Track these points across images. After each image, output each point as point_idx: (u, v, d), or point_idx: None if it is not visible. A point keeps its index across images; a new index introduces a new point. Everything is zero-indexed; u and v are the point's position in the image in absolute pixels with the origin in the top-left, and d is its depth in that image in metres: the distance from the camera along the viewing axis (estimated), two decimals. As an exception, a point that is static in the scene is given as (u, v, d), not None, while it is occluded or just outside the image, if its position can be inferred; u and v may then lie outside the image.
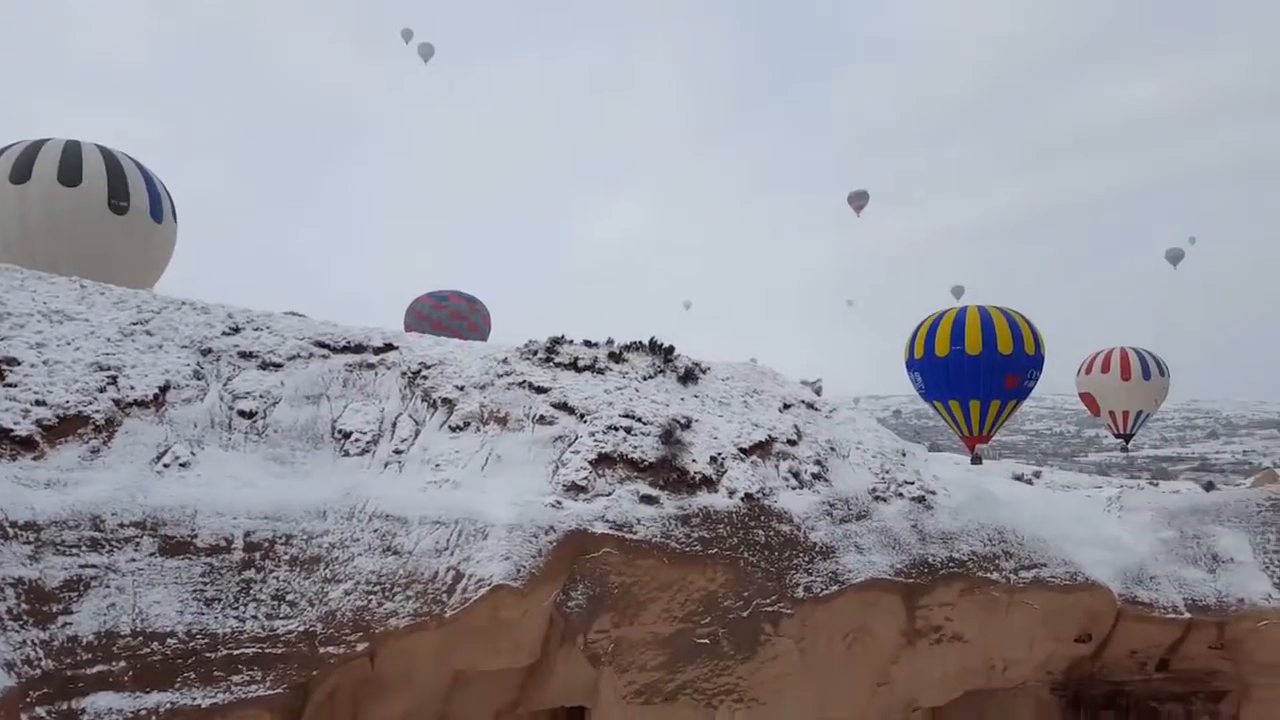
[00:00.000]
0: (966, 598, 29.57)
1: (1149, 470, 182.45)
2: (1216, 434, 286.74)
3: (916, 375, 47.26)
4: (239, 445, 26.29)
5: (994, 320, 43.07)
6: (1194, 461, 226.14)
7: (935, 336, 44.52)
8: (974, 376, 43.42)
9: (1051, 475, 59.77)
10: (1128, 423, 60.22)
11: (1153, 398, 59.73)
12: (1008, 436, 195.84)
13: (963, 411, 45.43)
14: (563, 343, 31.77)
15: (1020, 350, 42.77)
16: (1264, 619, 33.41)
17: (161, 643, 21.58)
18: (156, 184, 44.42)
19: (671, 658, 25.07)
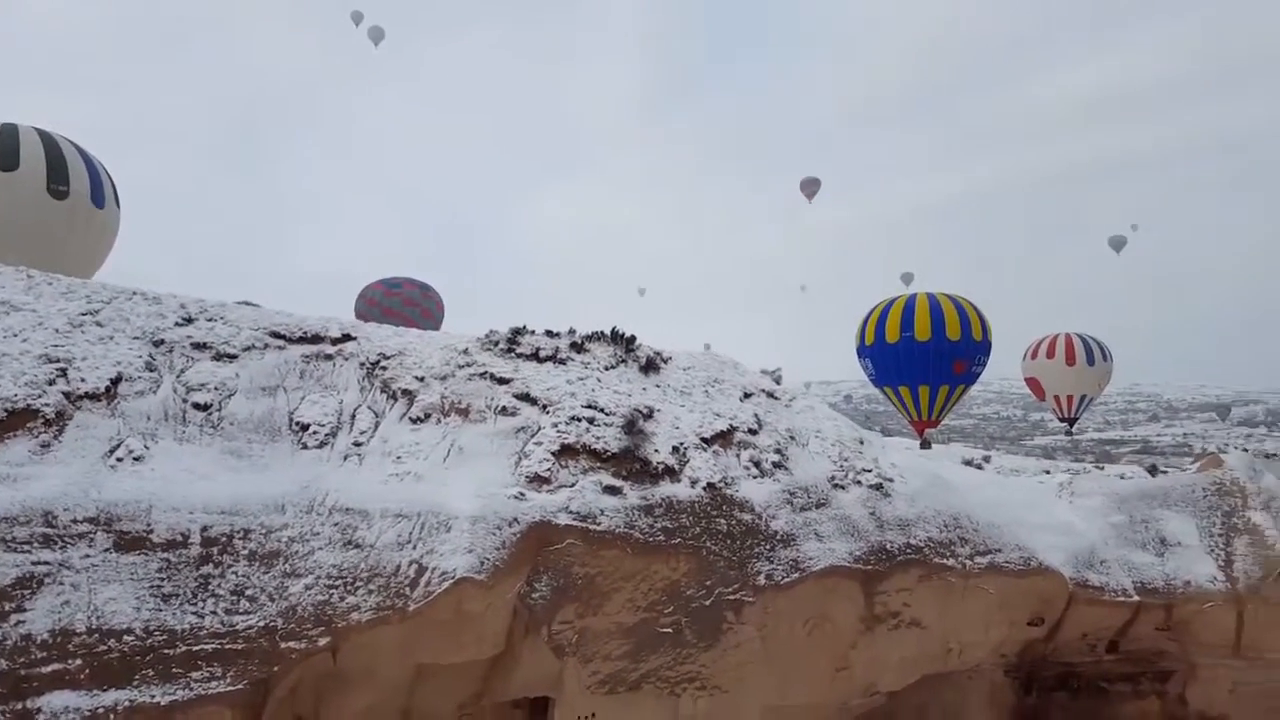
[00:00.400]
0: (924, 584, 30.07)
1: (1093, 453, 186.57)
2: (1158, 417, 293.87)
3: (867, 362, 47.95)
4: (194, 438, 25.81)
5: (943, 307, 43.80)
6: (1136, 444, 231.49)
7: (886, 323, 45.21)
8: (923, 362, 44.18)
9: (1000, 459, 60.82)
10: (1072, 407, 61.58)
11: (1096, 382, 61.14)
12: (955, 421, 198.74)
13: (912, 397, 46.24)
14: (524, 333, 31.63)
15: (968, 337, 43.59)
16: (1209, 601, 34.45)
17: (118, 640, 21.20)
18: (97, 168, 42.91)
19: (635, 647, 25.21)
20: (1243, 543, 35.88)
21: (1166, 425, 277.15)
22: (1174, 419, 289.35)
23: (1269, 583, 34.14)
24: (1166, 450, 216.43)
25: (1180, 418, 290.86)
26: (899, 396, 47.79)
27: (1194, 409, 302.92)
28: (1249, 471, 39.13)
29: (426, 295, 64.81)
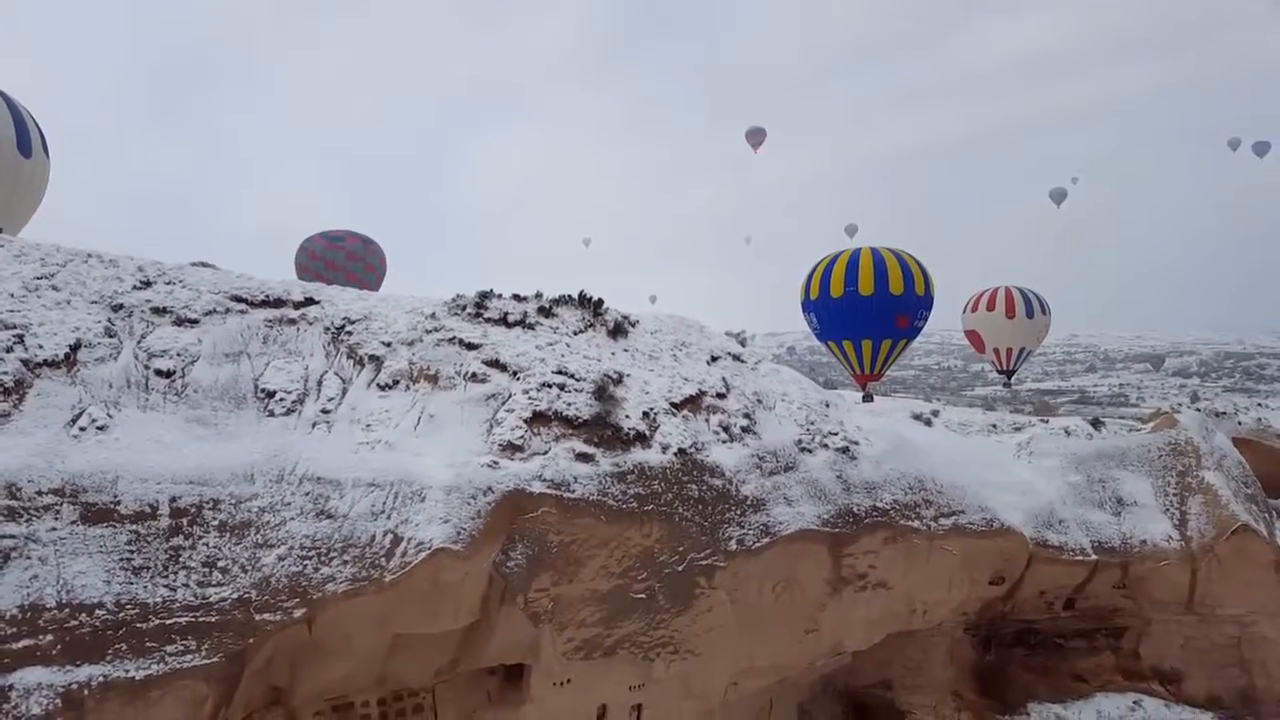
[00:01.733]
0: (889, 546, 30.65)
1: (1032, 403, 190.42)
2: (1095, 368, 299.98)
3: (812, 316, 48.24)
4: (158, 406, 25.30)
5: (886, 262, 44.16)
6: (1074, 394, 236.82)
7: (830, 278, 45.45)
8: (866, 316, 44.59)
9: (948, 413, 61.61)
10: (1011, 359, 62.52)
11: (1035, 335, 62.04)
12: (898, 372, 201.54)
13: (855, 351, 46.74)
14: (491, 297, 31.28)
15: (911, 291, 44.05)
16: (1164, 559, 35.60)
17: (90, 614, 20.86)
18: (23, 114, 40.32)
19: (610, 613, 25.45)
20: (1196, 502, 37.01)
21: (1103, 376, 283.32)
22: (1110, 370, 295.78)
23: (1223, 541, 35.30)
24: (1103, 400, 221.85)
25: (1117, 368, 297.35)
26: (842, 350, 48.31)
27: (1130, 359, 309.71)
28: (1202, 431, 40.24)
29: (369, 249, 63.71)
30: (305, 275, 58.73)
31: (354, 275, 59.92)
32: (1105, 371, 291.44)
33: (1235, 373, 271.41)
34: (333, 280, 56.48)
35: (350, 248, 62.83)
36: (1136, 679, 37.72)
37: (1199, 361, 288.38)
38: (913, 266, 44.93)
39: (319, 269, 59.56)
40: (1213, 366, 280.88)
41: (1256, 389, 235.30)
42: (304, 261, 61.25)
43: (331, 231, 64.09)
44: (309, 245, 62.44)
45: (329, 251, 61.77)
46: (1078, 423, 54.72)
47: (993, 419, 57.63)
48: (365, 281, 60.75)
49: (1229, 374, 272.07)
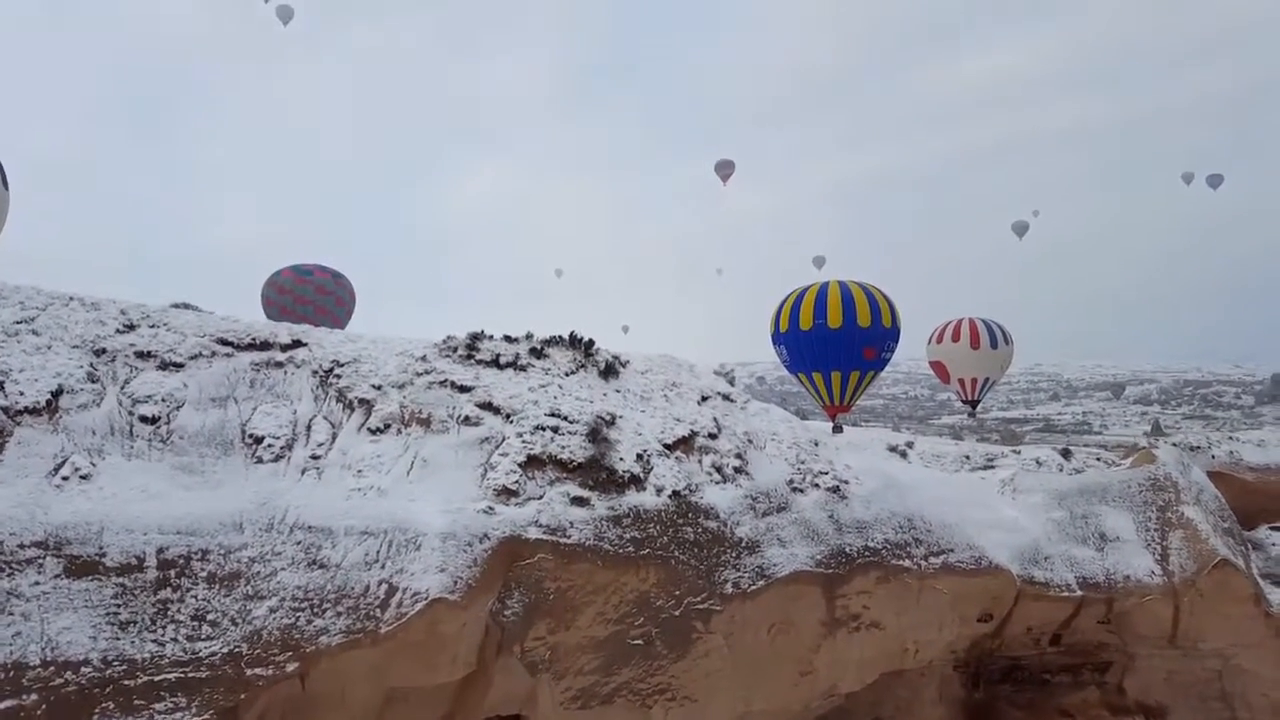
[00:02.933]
0: (882, 585, 30.59)
1: (998, 432, 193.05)
2: (1059, 396, 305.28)
3: (782, 348, 48.70)
4: (143, 454, 24.79)
5: (854, 295, 44.71)
6: (1039, 423, 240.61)
7: (799, 311, 45.91)
8: (835, 349, 45.06)
9: (921, 444, 62.12)
10: (975, 389, 63.35)
11: (998, 365, 62.99)
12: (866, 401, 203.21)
13: (825, 383, 47.18)
14: (482, 338, 31.09)
15: (878, 323, 44.63)
16: (1148, 594, 35.82)
17: (75, 672, 20.23)
18: None
19: (607, 660, 25.12)
20: (1177, 537, 37.35)
21: (1067, 404, 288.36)
22: (1073, 398, 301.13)
23: (1204, 575, 35.64)
24: (1067, 428, 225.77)
25: (1079, 396, 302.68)
26: (812, 382, 48.77)
27: (1092, 388, 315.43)
28: (1179, 467, 40.75)
29: (339, 283, 63.17)
30: (272, 309, 58.14)
31: (323, 309, 59.43)
32: (1068, 400, 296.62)
33: (1194, 400, 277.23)
34: (302, 315, 56.04)
35: (319, 282, 62.26)
36: (1122, 714, 37.78)
37: (1159, 389, 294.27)
38: (879, 299, 45.60)
39: (287, 304, 58.89)
40: (1172, 394, 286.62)
41: (1215, 416, 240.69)
42: (272, 296, 60.51)
43: (300, 266, 63.52)
44: (277, 280, 61.73)
45: (298, 286, 61.15)
46: (1048, 453, 55.34)
47: (965, 449, 58.01)
48: (335, 316, 60.29)
49: (1188, 401, 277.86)
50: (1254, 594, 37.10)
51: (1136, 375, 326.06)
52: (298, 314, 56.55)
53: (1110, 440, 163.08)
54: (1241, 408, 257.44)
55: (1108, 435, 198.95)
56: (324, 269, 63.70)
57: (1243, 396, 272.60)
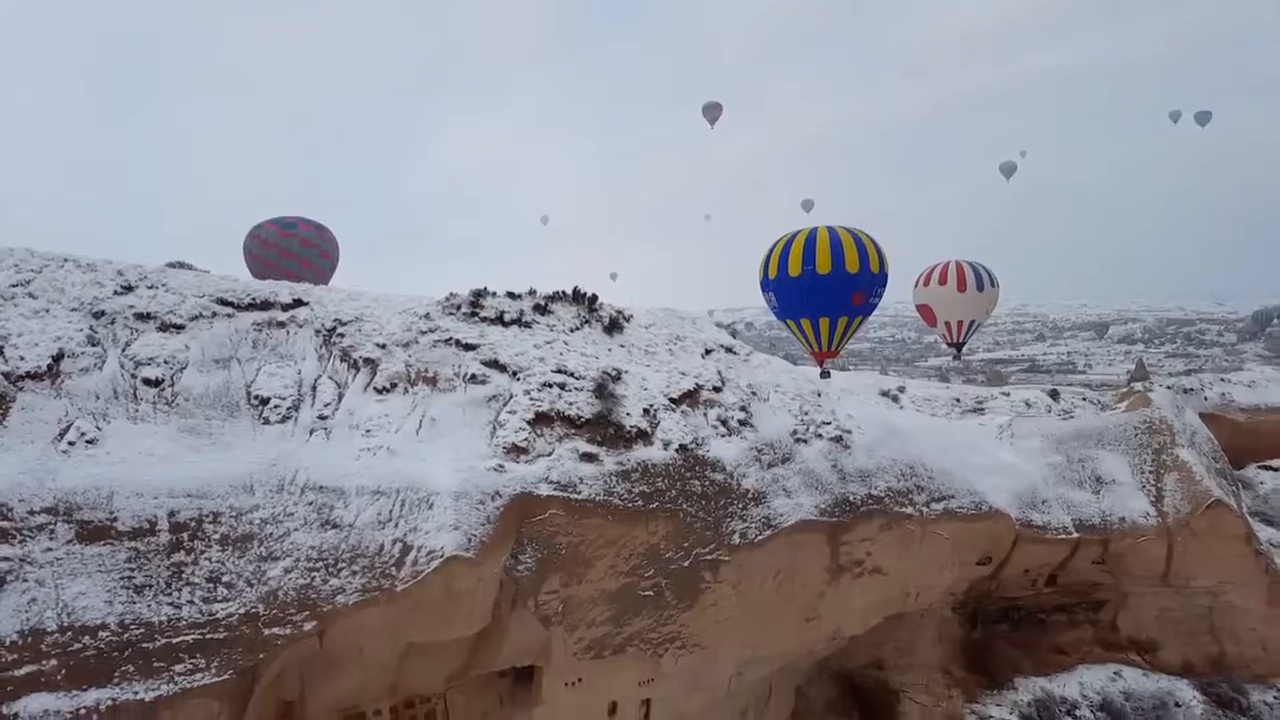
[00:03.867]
0: (885, 532, 30.97)
1: (984, 373, 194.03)
2: (1043, 336, 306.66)
3: (771, 295, 48.52)
4: (148, 417, 24.57)
5: (842, 241, 44.48)
6: (1024, 363, 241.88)
7: (788, 257, 45.67)
8: (824, 295, 44.90)
9: (913, 388, 62.42)
10: (961, 332, 63.35)
11: (984, 308, 62.89)
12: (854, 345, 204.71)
13: (813, 329, 47.07)
14: (486, 295, 30.84)
15: (866, 269, 44.39)
16: (1142, 535, 36.46)
17: (93, 636, 20.29)
18: None
19: (618, 611, 25.43)
20: (1172, 479, 37.92)
21: (1052, 344, 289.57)
22: (1058, 338, 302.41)
23: (1198, 516, 36.22)
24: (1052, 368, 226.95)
25: (1064, 337, 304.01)
26: (800, 328, 48.69)
27: (1076, 328, 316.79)
28: (1174, 409, 41.20)
29: (323, 236, 61.95)
30: (256, 264, 57.15)
31: (308, 263, 58.37)
32: (1053, 340, 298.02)
33: (1177, 338, 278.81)
34: (286, 269, 55.30)
35: (304, 235, 61.06)
36: (1115, 650, 38.72)
37: (1143, 328, 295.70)
38: (868, 245, 45.35)
39: (271, 257, 57.81)
40: (1156, 333, 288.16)
41: (1197, 354, 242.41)
42: (255, 249, 59.24)
43: (284, 218, 62.29)
44: (260, 233, 60.44)
45: (282, 239, 59.98)
46: (1037, 394, 55.78)
47: (955, 393, 58.45)
48: (319, 269, 59.38)
49: (1171, 339, 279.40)
50: (1245, 533, 37.84)
51: (1121, 315, 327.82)
52: (282, 268, 55.67)
53: (1095, 380, 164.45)
54: (1223, 345, 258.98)
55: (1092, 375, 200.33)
56: (307, 221, 62.48)
57: (1225, 334, 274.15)
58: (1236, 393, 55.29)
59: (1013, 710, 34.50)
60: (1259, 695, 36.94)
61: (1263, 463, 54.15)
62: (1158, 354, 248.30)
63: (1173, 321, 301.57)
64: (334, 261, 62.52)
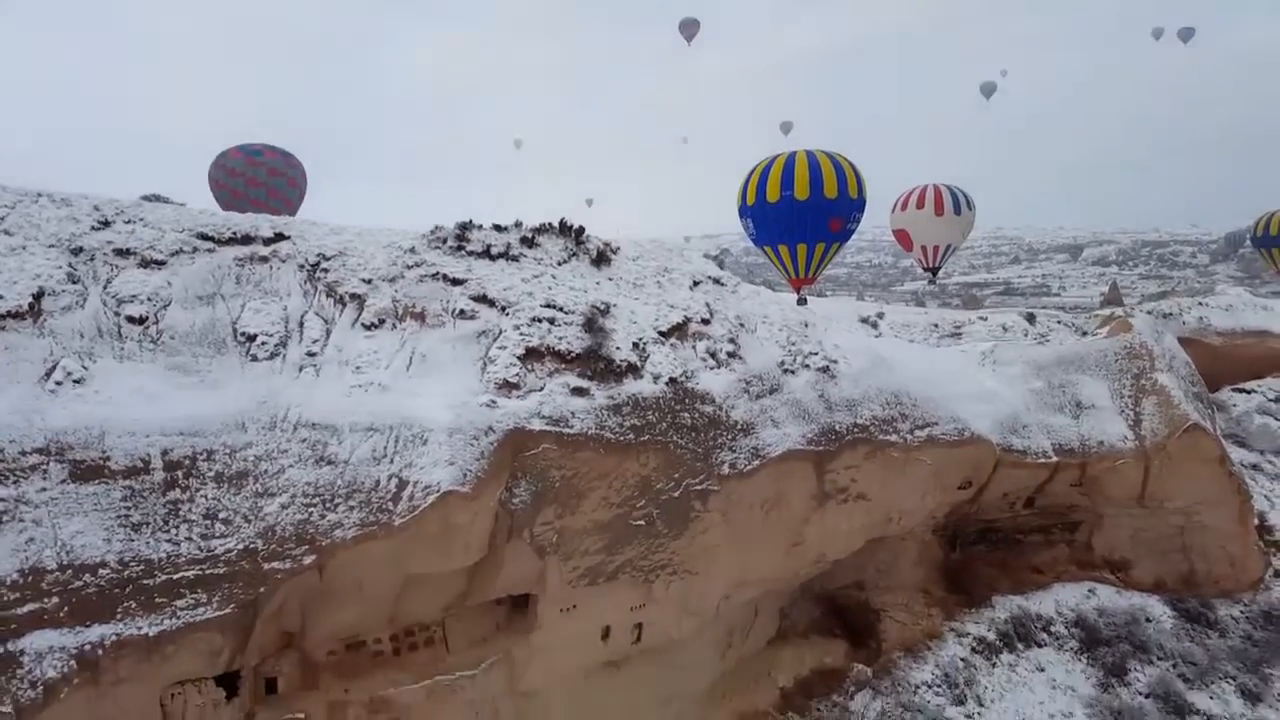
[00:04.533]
0: (869, 460, 31.53)
1: (959, 297, 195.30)
2: (1019, 259, 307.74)
3: (748, 221, 48.42)
4: (134, 355, 24.37)
5: (821, 165, 44.26)
6: (999, 287, 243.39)
7: (766, 183, 45.46)
8: (801, 221, 44.87)
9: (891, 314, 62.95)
10: (937, 256, 63.58)
11: (960, 231, 62.98)
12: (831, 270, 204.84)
13: (790, 256, 47.14)
14: (471, 228, 30.54)
15: (844, 194, 44.32)
16: (1120, 458, 37.28)
17: (93, 574, 20.46)
18: None
19: (611, 541, 25.89)
20: (1150, 403, 38.66)
21: (1027, 267, 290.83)
22: (1034, 261, 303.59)
23: (1175, 439, 37.04)
24: (1027, 291, 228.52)
25: (1040, 259, 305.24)
26: (778, 255, 48.72)
27: (1052, 250, 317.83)
28: (1154, 334, 41.80)
29: (289, 163, 60.58)
30: (223, 193, 56.01)
31: (276, 191, 57.24)
32: (1029, 263, 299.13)
33: (1151, 260, 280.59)
34: (254, 199, 54.38)
35: (270, 163, 59.65)
36: (1089, 569, 39.92)
37: (1117, 250, 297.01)
38: (846, 169, 45.16)
39: (238, 186, 56.57)
40: (1130, 255, 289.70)
41: (1170, 275, 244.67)
42: (221, 178, 57.82)
43: (248, 145, 60.76)
44: (226, 162, 58.89)
45: (249, 168, 58.59)
46: (1014, 318, 56.32)
47: (933, 318, 58.89)
48: (287, 198, 58.36)
49: (1145, 261, 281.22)
50: (1220, 455, 38.78)
51: (1096, 237, 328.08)
52: (250, 197, 54.59)
53: (1068, 302, 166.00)
54: (1196, 266, 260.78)
55: (1066, 297, 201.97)
56: (273, 149, 60.97)
57: (1198, 255, 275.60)
58: (1214, 317, 56.10)
59: (990, 627, 35.64)
60: (1226, 610, 38.35)
61: (1236, 385, 55.24)
62: (1131, 276, 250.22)
63: (1147, 243, 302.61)
64: (302, 190, 61.42)
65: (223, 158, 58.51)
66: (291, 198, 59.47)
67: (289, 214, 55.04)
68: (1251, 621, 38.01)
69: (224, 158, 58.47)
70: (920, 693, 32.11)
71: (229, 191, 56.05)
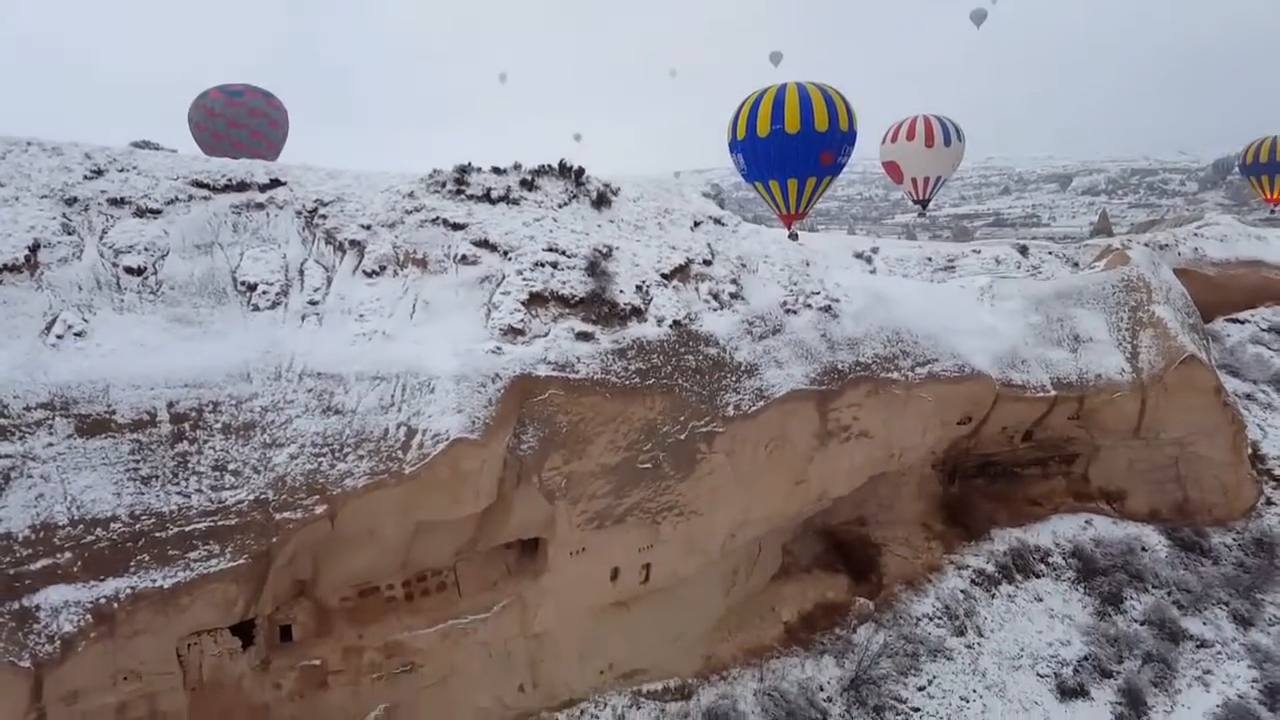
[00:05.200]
0: (871, 398, 31.65)
1: (950, 228, 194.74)
2: (1009, 190, 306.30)
3: (739, 157, 47.95)
4: (134, 307, 24.13)
5: (811, 98, 43.72)
6: (989, 218, 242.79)
7: (757, 116, 44.94)
8: (792, 155, 44.49)
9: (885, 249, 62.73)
10: (927, 188, 63.27)
11: (950, 162, 62.68)
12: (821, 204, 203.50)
13: (781, 191, 46.82)
14: (470, 171, 30.10)
15: (835, 127, 43.89)
16: (1118, 391, 37.53)
17: (105, 528, 20.52)
18: None
19: (618, 484, 26.06)
20: (1148, 335, 38.82)
21: (1017, 197, 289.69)
22: (1024, 191, 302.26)
23: (1172, 371, 37.26)
24: (1016, 222, 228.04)
25: (1029, 189, 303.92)
26: (769, 191, 48.35)
27: (1042, 180, 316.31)
28: (1151, 266, 41.77)
29: (271, 104, 59.46)
30: (204, 135, 55.07)
31: (258, 133, 56.32)
32: (1019, 194, 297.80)
33: (1140, 189, 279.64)
34: (236, 140, 53.53)
35: (251, 103, 58.48)
36: (1086, 500, 40.45)
37: (1106, 179, 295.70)
38: (837, 101, 44.58)
39: (219, 128, 55.56)
40: (1119, 184, 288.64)
41: (1159, 204, 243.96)
42: (201, 120, 56.68)
43: (228, 86, 59.53)
44: (206, 103, 57.69)
45: (229, 109, 57.43)
46: (1006, 250, 56.13)
47: (927, 252, 58.58)
48: (269, 139, 57.46)
49: (1134, 190, 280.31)
50: (1215, 386, 39.09)
51: (1086, 166, 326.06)
52: (231, 138, 53.72)
53: (1058, 232, 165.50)
54: (1185, 194, 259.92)
55: (1055, 227, 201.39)
56: (254, 89, 59.74)
57: (1187, 183, 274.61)
58: (1209, 247, 56.07)
59: (989, 560, 36.20)
60: (1218, 538, 39.02)
61: (1230, 315, 55.48)
62: (1120, 205, 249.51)
63: (1136, 171, 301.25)
64: (284, 131, 60.47)
65: (203, 99, 57.38)
66: (274, 138, 58.54)
67: (271, 155, 54.33)
68: (1243, 549, 38.73)
69: (204, 99, 57.35)
70: (921, 625, 32.72)
71: (209, 133, 55.14)
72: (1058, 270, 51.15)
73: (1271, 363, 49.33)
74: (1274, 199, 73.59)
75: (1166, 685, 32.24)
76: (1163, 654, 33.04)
